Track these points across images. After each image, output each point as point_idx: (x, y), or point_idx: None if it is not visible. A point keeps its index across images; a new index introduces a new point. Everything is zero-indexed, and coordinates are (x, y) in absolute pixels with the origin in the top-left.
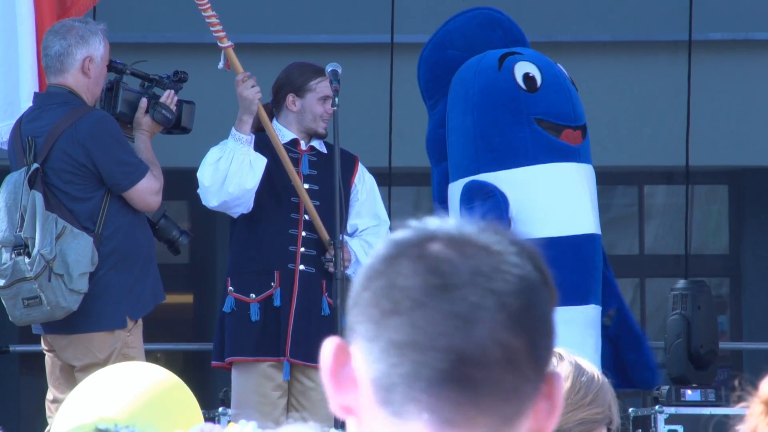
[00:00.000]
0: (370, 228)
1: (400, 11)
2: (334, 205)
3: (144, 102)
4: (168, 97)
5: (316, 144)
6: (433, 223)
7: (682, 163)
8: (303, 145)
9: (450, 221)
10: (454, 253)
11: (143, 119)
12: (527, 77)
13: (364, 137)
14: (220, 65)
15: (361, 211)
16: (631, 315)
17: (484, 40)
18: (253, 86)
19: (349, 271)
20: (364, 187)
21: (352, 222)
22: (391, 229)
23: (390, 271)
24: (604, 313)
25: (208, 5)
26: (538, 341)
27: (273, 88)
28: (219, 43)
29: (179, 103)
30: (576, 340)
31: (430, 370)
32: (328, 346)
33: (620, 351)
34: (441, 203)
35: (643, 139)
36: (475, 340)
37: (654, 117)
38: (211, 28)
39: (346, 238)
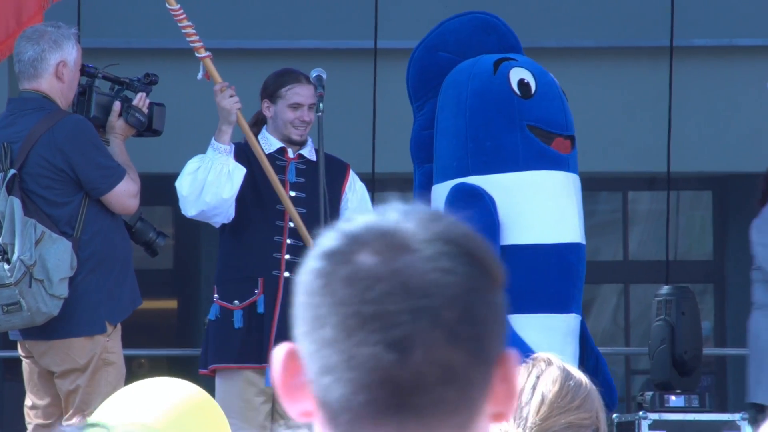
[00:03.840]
0: None
1: (384, 17)
2: (319, 211)
3: (117, 105)
4: (140, 100)
5: (306, 152)
6: (361, 223)
7: (665, 168)
8: (291, 153)
9: (379, 216)
10: (383, 267)
11: (117, 123)
12: (522, 83)
13: (348, 142)
14: (199, 76)
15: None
16: (590, 336)
17: (477, 44)
18: (231, 96)
19: None
20: (355, 195)
21: None
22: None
23: (321, 293)
24: None
25: (184, 16)
26: (483, 341)
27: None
28: (196, 54)
29: (150, 105)
30: (556, 348)
31: (369, 400)
32: (278, 355)
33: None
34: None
35: (626, 144)
36: (412, 367)
37: (638, 122)
38: (188, 39)
39: None
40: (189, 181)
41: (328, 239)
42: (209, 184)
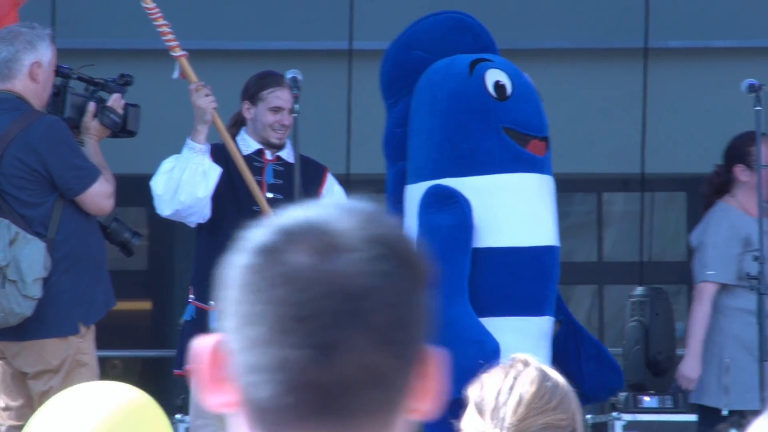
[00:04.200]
0: None
1: (359, 18)
2: None
3: (92, 106)
4: (115, 101)
5: (284, 154)
6: (296, 218)
7: (640, 170)
8: (269, 155)
9: (314, 212)
10: (317, 267)
11: (91, 123)
12: (498, 85)
13: (323, 144)
14: (175, 75)
15: None
16: (582, 327)
17: (452, 43)
18: (207, 95)
19: None
20: (333, 197)
21: None
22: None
23: (253, 291)
24: None
25: (159, 14)
26: (410, 344)
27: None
28: (172, 53)
29: (125, 106)
30: (530, 350)
31: (297, 401)
32: (204, 345)
33: (581, 363)
34: (395, 203)
35: (601, 146)
36: (340, 371)
37: (612, 124)
38: (163, 38)
39: None
40: (164, 180)
41: (261, 233)
42: (184, 183)
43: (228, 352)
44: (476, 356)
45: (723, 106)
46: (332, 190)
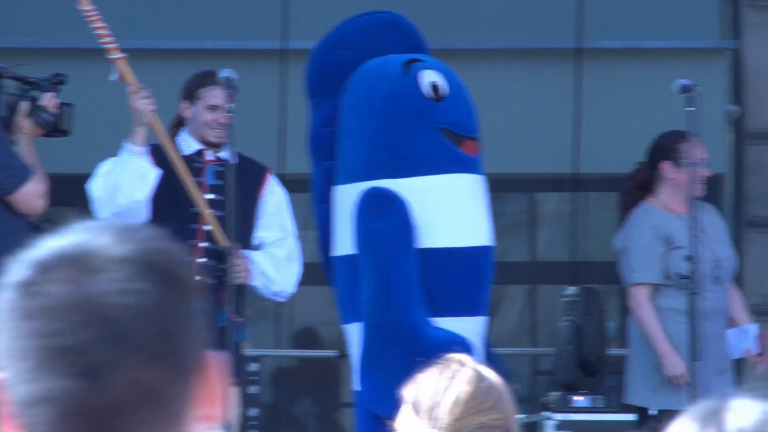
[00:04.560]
0: (277, 241)
1: (294, 17)
2: (231, 214)
3: (24, 105)
4: (49, 100)
5: (225, 154)
6: (49, 249)
7: (572, 170)
8: (210, 156)
9: (67, 238)
10: (72, 295)
11: (24, 122)
12: (433, 86)
13: (257, 143)
14: (114, 77)
15: (268, 224)
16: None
17: (382, 44)
18: (145, 98)
19: (254, 282)
20: (274, 198)
21: (260, 234)
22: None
23: (16, 326)
24: None
25: (97, 17)
26: (180, 355)
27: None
28: (110, 55)
29: (60, 105)
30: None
31: (72, 429)
32: None
33: None
34: (321, 203)
35: (534, 146)
36: (109, 395)
37: (545, 124)
38: (101, 40)
39: (249, 250)
40: (102, 182)
41: (18, 269)
42: (122, 186)
43: (7, 387)
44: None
45: (656, 107)
46: (273, 190)
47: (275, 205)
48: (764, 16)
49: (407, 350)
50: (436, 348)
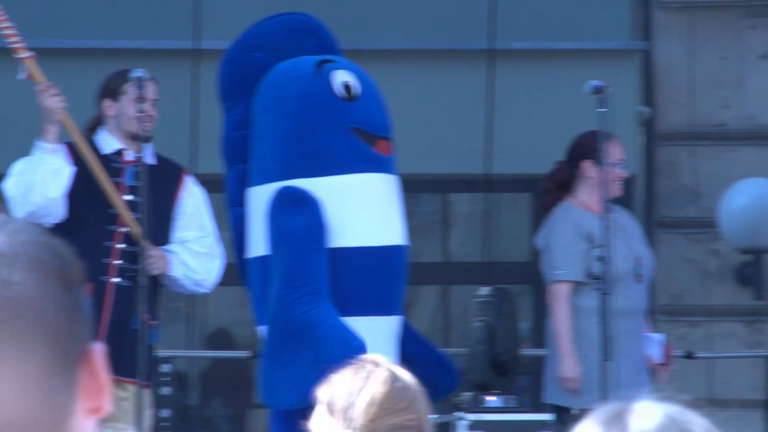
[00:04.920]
0: (196, 239)
1: (206, 17)
2: (146, 214)
3: None
4: None
5: (144, 155)
6: None
7: (485, 170)
8: (130, 156)
9: None
10: None
11: None
12: (345, 86)
13: (170, 144)
14: (22, 76)
15: (187, 224)
16: (414, 329)
17: (295, 45)
18: (55, 95)
19: (174, 273)
20: (192, 200)
21: (179, 234)
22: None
23: None
24: None
25: (3, 17)
26: (60, 345)
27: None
28: (17, 54)
29: None
30: (380, 350)
31: None
32: None
33: (414, 366)
34: (235, 206)
35: (446, 146)
36: None
37: (458, 124)
38: (8, 40)
39: (169, 246)
40: (15, 182)
41: None
42: (36, 184)
43: None
44: (342, 356)
45: (568, 108)
46: (191, 191)
47: (194, 205)
48: (675, 17)
49: (304, 344)
50: (329, 341)
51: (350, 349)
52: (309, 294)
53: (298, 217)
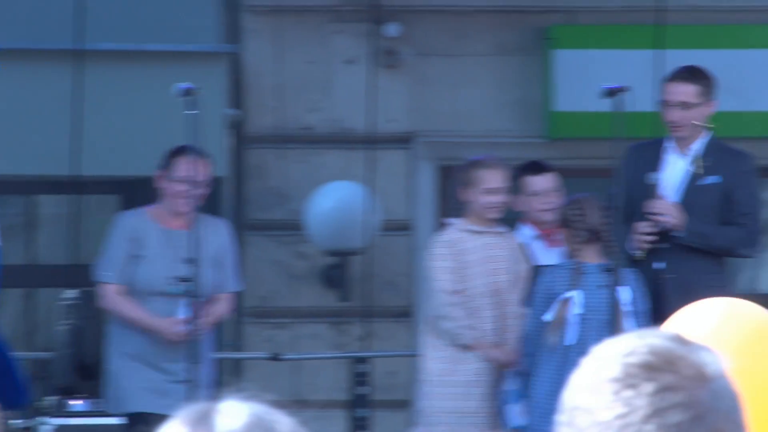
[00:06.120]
0: None
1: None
2: None
3: None
4: None
5: None
6: None
7: (72, 172)
8: None
9: None
10: None
11: None
12: None
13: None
14: None
15: None
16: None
17: None
18: None
19: None
20: None
21: None
22: None
23: None
24: None
25: None
26: None
27: None
28: None
29: None
30: None
31: None
32: None
33: None
34: None
35: (32, 147)
36: None
37: (45, 125)
38: None
39: None
40: None
41: None
42: None
43: None
44: None
45: (157, 110)
46: None
47: None
48: (263, 21)
49: None
50: None
51: None
52: None
53: None
